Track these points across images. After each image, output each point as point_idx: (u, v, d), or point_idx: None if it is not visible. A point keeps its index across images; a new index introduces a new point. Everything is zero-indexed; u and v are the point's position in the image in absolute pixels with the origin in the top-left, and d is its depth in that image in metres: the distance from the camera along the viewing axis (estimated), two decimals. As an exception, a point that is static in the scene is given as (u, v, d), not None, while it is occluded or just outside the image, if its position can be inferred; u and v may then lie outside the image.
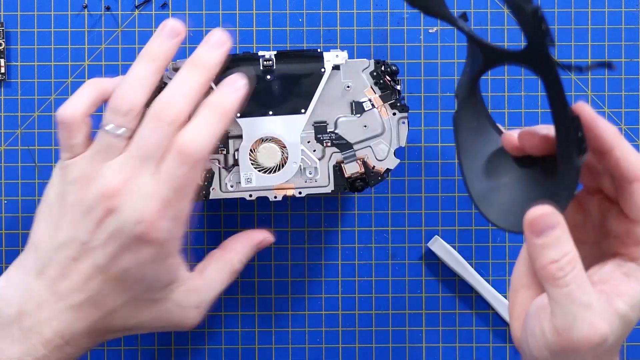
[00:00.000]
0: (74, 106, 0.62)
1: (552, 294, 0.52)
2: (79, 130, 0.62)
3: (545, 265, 0.51)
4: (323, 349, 0.78)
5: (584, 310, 0.51)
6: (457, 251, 0.77)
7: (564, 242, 0.51)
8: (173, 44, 0.63)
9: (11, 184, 0.77)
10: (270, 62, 0.67)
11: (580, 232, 0.57)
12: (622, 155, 0.53)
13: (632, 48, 0.77)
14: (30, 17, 0.77)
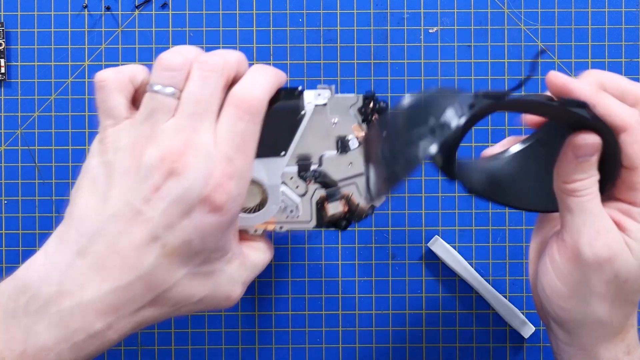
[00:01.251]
0: (113, 70, 0.56)
1: (569, 204, 0.56)
2: (121, 91, 0.55)
3: (573, 180, 0.56)
4: (323, 349, 0.78)
5: (595, 218, 0.55)
6: (457, 251, 0.77)
7: (594, 167, 0.56)
8: (233, 64, 0.57)
9: (11, 184, 0.77)
10: None
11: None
12: (604, 110, 0.55)
13: (632, 48, 0.77)
14: (30, 17, 0.77)
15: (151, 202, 0.53)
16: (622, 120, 0.54)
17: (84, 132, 0.77)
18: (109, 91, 0.55)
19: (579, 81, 0.55)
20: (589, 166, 0.55)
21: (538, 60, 0.53)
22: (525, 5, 0.77)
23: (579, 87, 0.55)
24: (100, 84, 0.55)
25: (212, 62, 0.55)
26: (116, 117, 0.55)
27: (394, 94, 0.77)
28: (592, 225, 0.55)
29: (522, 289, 0.77)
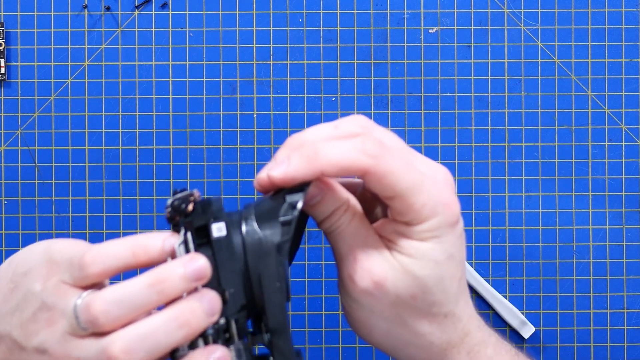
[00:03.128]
0: (103, 262, 0.52)
1: (330, 243, 0.54)
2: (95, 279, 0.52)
3: (321, 221, 0.53)
4: (323, 349, 0.78)
5: (350, 249, 0.53)
6: (457, 251, 0.77)
7: (330, 204, 0.53)
8: (189, 287, 0.51)
9: (11, 184, 0.77)
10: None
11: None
12: (334, 172, 0.52)
13: (632, 48, 0.77)
14: (30, 17, 0.77)
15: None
16: (355, 165, 0.51)
17: (83, 132, 0.77)
18: (90, 269, 0.52)
19: (286, 170, 0.51)
20: (324, 206, 0.53)
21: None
22: (525, 5, 0.77)
23: (293, 176, 0.51)
24: (91, 259, 0.52)
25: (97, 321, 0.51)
26: (73, 280, 0.53)
27: (394, 94, 0.77)
28: (349, 255, 0.53)
29: (522, 289, 0.77)
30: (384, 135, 0.54)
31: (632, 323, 0.77)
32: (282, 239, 0.50)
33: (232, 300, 0.51)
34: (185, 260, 0.50)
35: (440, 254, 0.53)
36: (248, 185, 0.78)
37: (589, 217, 0.77)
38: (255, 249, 0.51)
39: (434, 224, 0.52)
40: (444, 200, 0.53)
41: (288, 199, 0.51)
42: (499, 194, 0.77)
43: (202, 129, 0.77)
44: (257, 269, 0.51)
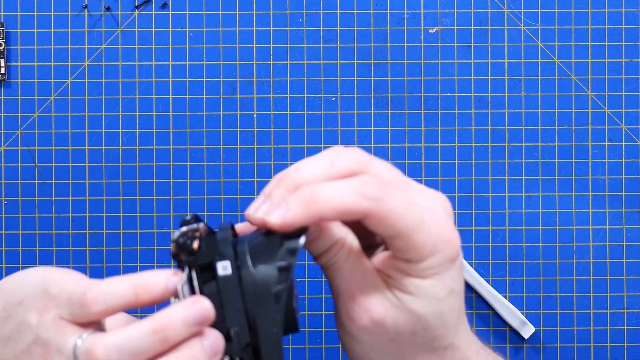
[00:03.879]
0: (105, 299, 0.51)
1: (328, 279, 0.53)
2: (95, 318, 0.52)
3: (318, 255, 0.52)
4: (323, 349, 0.77)
5: (347, 286, 0.52)
6: (457, 251, 0.77)
7: (327, 240, 0.52)
8: (192, 332, 0.50)
9: (11, 184, 0.77)
10: None
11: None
12: (336, 216, 0.50)
13: (632, 48, 0.77)
14: (30, 17, 0.77)
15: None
16: (356, 209, 0.50)
17: (83, 132, 0.77)
18: (85, 307, 0.52)
19: (284, 217, 0.50)
20: (320, 242, 0.52)
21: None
22: (525, 5, 0.77)
23: (291, 223, 0.50)
24: (93, 298, 0.51)
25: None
26: (73, 315, 0.52)
27: (394, 94, 0.77)
28: (346, 292, 0.52)
29: (522, 289, 0.77)
30: (381, 170, 0.52)
31: (632, 323, 0.77)
32: (280, 287, 0.49)
33: (237, 339, 0.50)
34: (188, 304, 0.49)
35: (441, 290, 0.52)
36: (248, 185, 0.78)
37: (589, 217, 0.77)
38: (252, 291, 0.50)
39: (435, 261, 0.51)
40: (445, 237, 0.52)
41: (286, 244, 0.50)
42: (499, 194, 0.77)
43: (202, 129, 0.77)
44: (253, 311, 0.50)
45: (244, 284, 0.50)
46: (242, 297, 0.50)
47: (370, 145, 0.77)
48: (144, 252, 0.77)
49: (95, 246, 0.77)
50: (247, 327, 0.50)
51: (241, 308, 0.50)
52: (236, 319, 0.50)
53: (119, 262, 0.77)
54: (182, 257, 0.50)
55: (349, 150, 0.52)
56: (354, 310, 0.52)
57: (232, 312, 0.50)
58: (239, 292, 0.50)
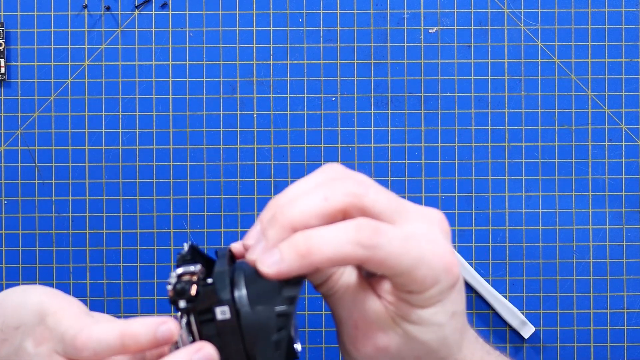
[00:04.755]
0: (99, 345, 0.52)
1: (330, 306, 0.53)
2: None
3: (318, 285, 0.52)
4: (323, 349, 0.77)
5: (350, 314, 0.52)
6: (457, 251, 0.77)
7: (324, 271, 0.52)
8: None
9: (11, 184, 0.77)
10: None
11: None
12: (341, 262, 0.50)
13: (632, 48, 0.77)
14: (30, 17, 0.77)
15: None
16: (352, 258, 0.49)
17: (83, 132, 0.77)
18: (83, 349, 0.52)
19: (279, 268, 0.49)
20: (319, 273, 0.51)
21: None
22: (525, 5, 0.77)
23: (287, 273, 0.49)
24: (82, 344, 0.52)
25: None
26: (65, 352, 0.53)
27: (394, 94, 0.77)
28: (349, 321, 0.52)
29: (522, 289, 0.77)
30: (376, 201, 0.51)
31: (632, 323, 0.77)
32: (279, 335, 0.49)
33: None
34: (192, 351, 0.50)
35: (443, 317, 0.52)
36: (248, 185, 0.78)
37: (589, 217, 0.77)
38: (251, 332, 0.50)
39: (436, 291, 0.51)
40: (445, 266, 0.51)
41: (284, 292, 0.49)
42: (499, 194, 0.77)
43: (202, 129, 0.77)
44: (253, 352, 0.50)
45: (244, 326, 0.50)
46: (241, 339, 0.50)
47: (370, 145, 0.77)
48: (143, 252, 0.77)
49: (95, 246, 0.77)
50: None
51: (241, 349, 0.50)
52: (236, 359, 0.50)
53: (119, 262, 0.77)
54: (180, 304, 0.50)
55: (342, 179, 0.51)
56: (357, 340, 0.52)
57: (232, 354, 0.50)
58: (239, 335, 0.50)
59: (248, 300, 0.50)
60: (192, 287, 0.49)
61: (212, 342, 0.49)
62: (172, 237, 0.77)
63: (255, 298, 0.50)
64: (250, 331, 0.50)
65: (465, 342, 0.55)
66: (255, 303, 0.50)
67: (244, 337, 0.50)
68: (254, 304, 0.50)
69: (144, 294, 0.77)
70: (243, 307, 0.49)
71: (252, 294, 0.50)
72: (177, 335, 0.50)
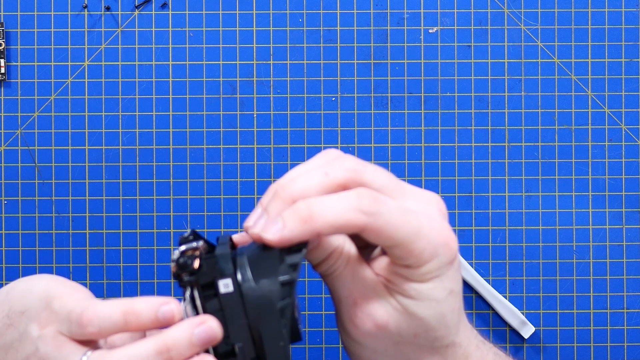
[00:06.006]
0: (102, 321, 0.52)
1: (328, 286, 0.53)
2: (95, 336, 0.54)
3: (318, 265, 0.52)
4: (323, 349, 0.77)
5: (349, 293, 0.52)
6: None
7: (327, 248, 0.52)
8: (198, 352, 0.51)
9: (11, 184, 0.77)
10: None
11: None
12: (334, 230, 0.51)
13: (632, 48, 0.77)
14: (30, 17, 0.77)
15: None
16: (353, 224, 0.50)
17: (83, 132, 0.77)
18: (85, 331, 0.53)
19: (282, 234, 0.50)
20: (319, 251, 0.52)
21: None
22: (525, 5, 0.77)
23: (289, 239, 0.50)
24: (88, 321, 0.52)
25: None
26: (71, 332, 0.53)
27: (394, 94, 0.77)
28: (348, 298, 0.52)
29: (522, 289, 0.77)
30: (375, 177, 0.52)
31: (632, 323, 0.77)
32: (284, 302, 0.49)
33: (242, 354, 0.50)
34: (195, 324, 0.50)
35: (441, 292, 0.52)
36: (248, 185, 0.78)
37: (589, 217, 0.77)
38: (255, 306, 0.50)
39: (434, 265, 0.52)
40: (443, 241, 0.52)
41: (287, 259, 0.50)
42: (499, 194, 0.77)
43: (202, 129, 0.77)
44: (258, 327, 0.50)
45: (247, 300, 0.50)
46: (245, 313, 0.50)
47: (370, 145, 0.77)
48: (143, 252, 0.77)
49: (95, 246, 0.77)
50: (252, 342, 0.50)
51: (245, 324, 0.50)
52: (240, 334, 0.50)
53: (119, 262, 0.77)
54: (184, 277, 0.50)
55: (341, 158, 0.52)
56: (356, 316, 0.52)
57: (236, 328, 0.50)
58: (242, 308, 0.50)
59: (251, 274, 0.50)
60: (195, 260, 0.50)
61: (216, 317, 0.50)
62: (172, 237, 0.77)
63: (258, 272, 0.50)
64: (254, 303, 0.50)
65: (462, 326, 0.55)
66: (258, 277, 0.50)
67: (247, 310, 0.50)
68: (257, 277, 0.50)
69: (144, 293, 0.77)
70: (246, 280, 0.50)
71: (254, 269, 0.50)
72: (178, 316, 0.50)
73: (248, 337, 0.50)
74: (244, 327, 0.50)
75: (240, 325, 0.50)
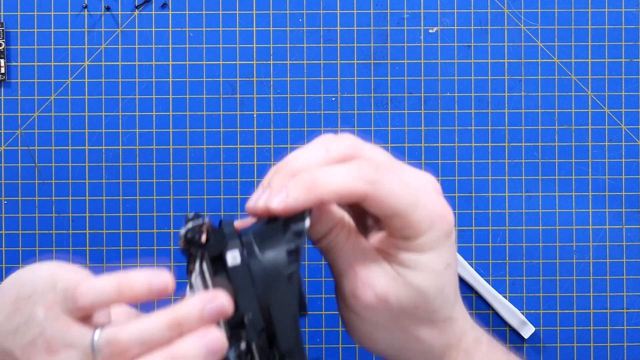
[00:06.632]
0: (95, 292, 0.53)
1: (329, 261, 0.55)
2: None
3: (319, 240, 0.54)
4: (323, 349, 0.78)
5: (350, 266, 0.54)
6: (458, 251, 0.77)
7: (327, 222, 0.54)
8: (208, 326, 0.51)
9: (11, 184, 0.77)
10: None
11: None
12: (333, 198, 0.52)
13: (632, 48, 0.77)
14: (30, 17, 0.77)
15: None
16: (354, 192, 0.51)
17: (83, 132, 0.77)
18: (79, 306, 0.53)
19: (286, 201, 0.51)
20: (321, 225, 0.53)
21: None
22: (525, 5, 0.77)
23: (293, 207, 0.51)
24: (80, 293, 0.53)
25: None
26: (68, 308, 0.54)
27: (394, 94, 0.77)
28: (349, 271, 0.54)
29: (522, 289, 0.77)
30: (373, 154, 0.54)
31: (632, 323, 0.77)
32: (291, 268, 0.51)
33: (251, 325, 0.51)
34: (205, 299, 0.50)
35: (439, 264, 0.54)
36: (248, 185, 0.78)
37: (589, 217, 0.77)
38: (262, 277, 0.51)
39: (432, 236, 0.53)
40: (440, 212, 0.54)
41: (292, 227, 0.51)
42: (499, 194, 0.77)
43: (202, 129, 0.77)
44: (266, 296, 0.51)
45: (254, 271, 0.51)
46: (252, 284, 0.51)
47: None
48: (144, 252, 0.77)
49: (95, 246, 0.77)
50: (261, 313, 0.51)
51: (253, 295, 0.51)
52: (249, 305, 0.51)
53: (119, 262, 0.77)
54: (192, 251, 0.51)
55: (341, 136, 0.54)
56: (357, 288, 0.53)
57: (245, 300, 0.51)
58: (250, 280, 0.51)
59: (257, 244, 0.51)
60: (202, 234, 0.51)
61: (225, 290, 0.50)
62: (172, 237, 0.77)
63: (264, 244, 0.51)
64: (262, 273, 0.51)
65: (459, 304, 0.57)
66: (264, 248, 0.51)
67: (255, 280, 0.51)
68: (262, 246, 0.51)
69: (144, 294, 0.77)
70: (253, 251, 0.51)
71: (260, 241, 0.51)
72: (172, 287, 0.51)
73: (257, 308, 0.51)
74: (253, 298, 0.51)
75: (249, 296, 0.51)
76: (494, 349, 0.60)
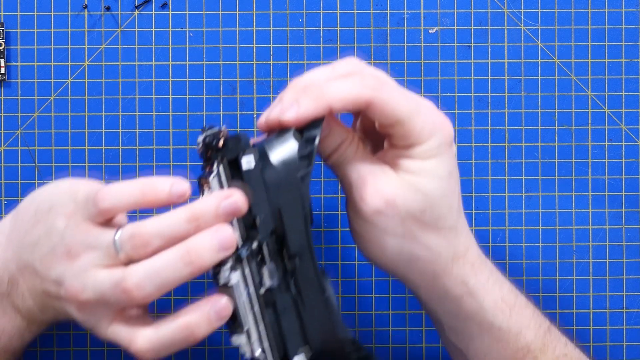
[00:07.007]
0: (116, 198, 0.57)
1: (337, 173, 0.60)
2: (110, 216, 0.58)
3: (328, 154, 0.60)
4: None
5: (359, 174, 0.59)
6: (457, 251, 0.77)
7: (337, 136, 0.59)
8: (224, 222, 0.56)
9: (11, 184, 0.77)
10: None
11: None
12: (339, 106, 0.57)
13: (632, 48, 0.77)
14: (30, 17, 0.77)
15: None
16: (360, 98, 0.56)
17: (83, 132, 0.77)
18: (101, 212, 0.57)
19: (297, 111, 0.56)
20: (332, 138, 0.59)
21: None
22: (525, 5, 0.77)
23: (305, 116, 0.56)
24: (102, 196, 0.57)
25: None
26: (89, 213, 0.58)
27: (394, 94, 0.77)
28: (358, 180, 0.58)
29: (522, 289, 0.77)
30: (376, 71, 0.59)
31: (631, 323, 0.77)
32: (304, 171, 0.54)
33: (263, 226, 0.55)
34: (221, 196, 0.55)
35: (442, 170, 0.58)
36: (248, 185, 0.78)
37: (588, 217, 0.77)
38: (275, 181, 0.54)
39: (434, 143, 0.58)
40: (440, 121, 0.59)
41: (305, 134, 0.55)
42: (499, 194, 0.77)
43: (202, 129, 0.77)
44: (277, 199, 0.54)
45: (267, 175, 0.55)
46: (265, 187, 0.54)
47: (370, 145, 0.77)
48: (144, 252, 0.77)
49: (95, 246, 0.77)
50: (272, 215, 0.54)
51: (265, 197, 0.54)
52: (261, 208, 0.55)
53: (119, 262, 0.77)
54: (210, 154, 0.56)
55: (346, 59, 0.60)
56: (367, 194, 0.58)
57: (258, 202, 0.54)
58: (263, 183, 0.55)
59: (270, 151, 0.55)
60: (220, 140, 0.56)
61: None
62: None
63: (278, 151, 0.55)
64: (275, 177, 0.55)
65: (463, 220, 0.62)
66: (278, 154, 0.55)
67: (268, 182, 0.54)
68: (276, 154, 0.55)
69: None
70: (267, 156, 0.55)
71: (274, 149, 0.55)
72: (189, 194, 0.56)
73: (268, 211, 0.55)
74: (265, 200, 0.55)
75: (262, 198, 0.55)
76: (496, 269, 0.64)
